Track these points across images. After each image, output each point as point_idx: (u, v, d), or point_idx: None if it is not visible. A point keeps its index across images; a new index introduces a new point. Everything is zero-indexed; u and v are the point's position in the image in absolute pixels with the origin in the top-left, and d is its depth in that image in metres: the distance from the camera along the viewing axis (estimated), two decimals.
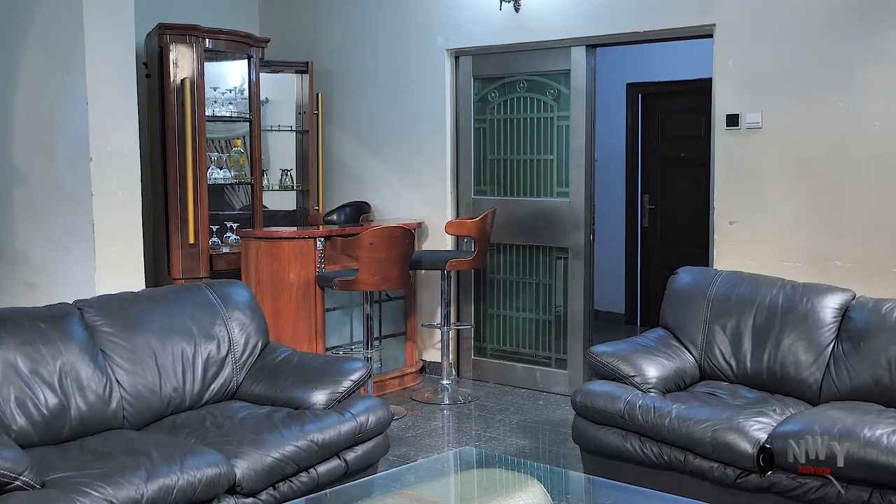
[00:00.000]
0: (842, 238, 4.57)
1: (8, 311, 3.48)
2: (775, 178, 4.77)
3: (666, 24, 5.11)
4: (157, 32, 5.70)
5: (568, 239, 5.68)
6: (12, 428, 3.16)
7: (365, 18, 6.36)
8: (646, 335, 4.30)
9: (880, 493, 3.12)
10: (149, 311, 3.75)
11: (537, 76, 5.76)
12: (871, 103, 4.46)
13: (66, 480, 2.86)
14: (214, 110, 6.02)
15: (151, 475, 2.93)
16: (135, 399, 3.54)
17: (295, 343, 5.19)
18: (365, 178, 6.46)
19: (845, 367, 3.76)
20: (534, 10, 5.56)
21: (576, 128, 5.59)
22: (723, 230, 4.95)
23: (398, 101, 6.25)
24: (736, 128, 4.86)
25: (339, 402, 3.71)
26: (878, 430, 3.19)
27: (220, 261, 5.88)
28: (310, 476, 3.41)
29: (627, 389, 3.85)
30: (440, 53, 6.02)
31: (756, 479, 3.37)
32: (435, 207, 6.11)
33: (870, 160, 4.49)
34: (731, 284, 4.21)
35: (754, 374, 4.00)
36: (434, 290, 6.06)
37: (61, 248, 4.88)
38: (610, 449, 3.81)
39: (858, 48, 4.48)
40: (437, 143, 6.07)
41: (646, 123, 7.66)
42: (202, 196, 5.75)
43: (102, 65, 4.68)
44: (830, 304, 3.92)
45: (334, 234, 5.49)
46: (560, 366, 5.80)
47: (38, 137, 5.01)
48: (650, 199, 7.68)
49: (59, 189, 4.88)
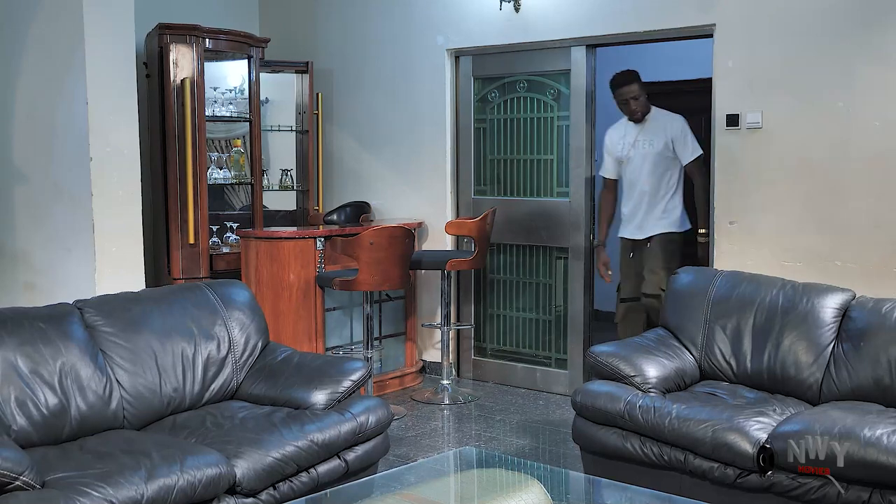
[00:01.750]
0: (842, 238, 4.57)
1: (8, 311, 3.48)
2: (775, 178, 4.76)
3: (666, 24, 5.12)
4: (157, 32, 5.70)
5: (568, 239, 5.68)
6: (12, 428, 3.16)
7: (365, 18, 6.36)
8: (646, 335, 4.30)
9: (880, 493, 3.12)
10: (149, 311, 3.75)
11: (537, 76, 5.75)
12: (871, 103, 4.46)
13: (66, 480, 2.86)
14: (214, 110, 6.02)
15: (151, 475, 2.93)
16: (135, 399, 3.54)
17: (295, 343, 5.19)
18: (365, 178, 6.46)
19: (845, 367, 3.76)
20: (534, 10, 5.56)
21: (576, 128, 5.59)
22: (723, 230, 4.95)
23: (398, 101, 6.25)
24: (736, 128, 4.85)
25: (340, 402, 3.71)
26: (878, 430, 3.19)
27: (220, 261, 5.88)
28: (310, 476, 3.41)
29: (627, 389, 3.85)
30: (440, 53, 6.02)
31: (756, 479, 3.37)
32: (435, 207, 6.11)
33: (870, 160, 4.48)
34: (732, 284, 4.21)
35: (754, 374, 4.00)
36: (434, 290, 6.06)
37: (61, 248, 4.88)
38: (610, 449, 3.81)
39: (858, 48, 4.48)
40: (437, 143, 6.06)
41: None
42: (202, 196, 5.75)
43: (102, 65, 4.68)
44: (830, 304, 3.92)
45: (334, 234, 5.49)
46: (560, 366, 5.80)
47: (38, 137, 5.01)
48: None
49: (59, 189, 4.88)
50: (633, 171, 5.42)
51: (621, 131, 5.52)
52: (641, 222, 5.39)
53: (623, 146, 5.47)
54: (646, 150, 5.37)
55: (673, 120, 5.41)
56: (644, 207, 5.37)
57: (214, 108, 6.03)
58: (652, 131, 5.39)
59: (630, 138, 5.45)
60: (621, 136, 5.50)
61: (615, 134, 5.54)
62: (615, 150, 5.51)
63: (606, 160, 5.59)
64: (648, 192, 5.36)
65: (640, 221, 5.39)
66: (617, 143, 5.51)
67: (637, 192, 5.40)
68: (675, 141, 5.33)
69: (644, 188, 5.36)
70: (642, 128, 5.42)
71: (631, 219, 5.45)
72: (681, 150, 5.32)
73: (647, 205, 5.36)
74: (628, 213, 5.46)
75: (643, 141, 5.39)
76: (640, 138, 5.39)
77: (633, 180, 5.43)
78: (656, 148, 5.34)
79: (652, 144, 5.36)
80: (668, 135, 5.34)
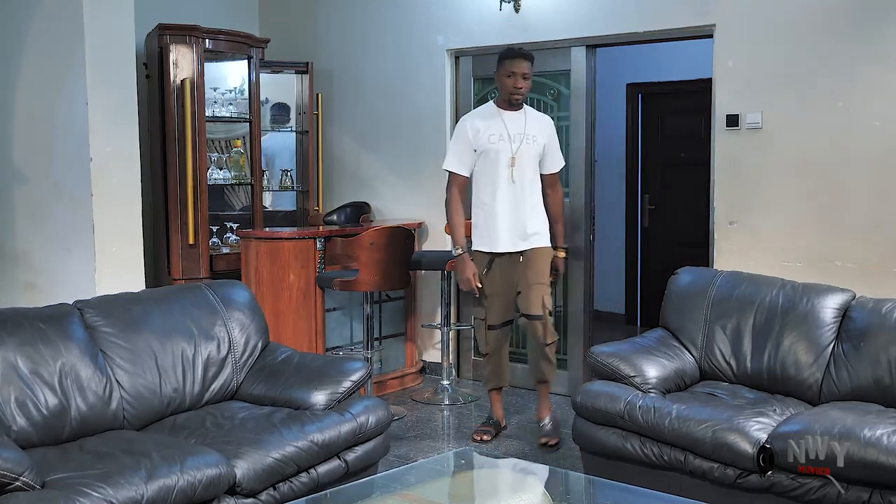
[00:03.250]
0: (842, 238, 4.57)
1: (8, 312, 3.48)
2: (775, 178, 4.77)
3: (666, 25, 5.12)
4: (157, 33, 5.70)
5: (568, 239, 5.68)
6: (12, 428, 3.16)
7: (365, 19, 6.36)
8: (646, 335, 4.30)
9: (880, 493, 3.12)
10: (149, 312, 3.75)
11: (537, 76, 5.74)
12: (871, 103, 4.46)
13: (66, 481, 2.86)
14: (214, 111, 6.02)
15: (151, 476, 2.93)
16: (135, 399, 3.53)
17: (295, 343, 5.19)
18: (365, 178, 6.46)
19: (845, 367, 3.76)
20: (534, 10, 5.56)
21: (576, 128, 5.58)
22: (723, 230, 4.95)
23: (398, 101, 6.25)
24: (736, 128, 4.85)
25: (340, 402, 3.71)
26: (878, 430, 3.19)
27: (220, 261, 5.88)
28: (310, 476, 3.41)
29: (627, 390, 3.85)
30: (440, 53, 6.02)
31: (756, 479, 3.37)
32: (435, 207, 6.10)
33: (870, 160, 4.49)
34: (732, 285, 4.21)
35: (754, 374, 4.00)
36: (434, 290, 6.06)
37: (61, 248, 4.88)
38: (610, 449, 3.81)
39: (858, 48, 4.48)
40: (437, 143, 6.06)
41: (646, 123, 7.66)
42: (202, 196, 5.75)
43: (102, 65, 4.68)
44: (830, 304, 3.92)
45: (334, 234, 5.50)
46: (560, 366, 5.77)
47: (38, 137, 5.01)
48: (650, 199, 7.68)
49: (59, 189, 4.88)
50: (518, 167, 4.66)
51: (492, 119, 4.70)
52: (523, 232, 4.68)
53: (495, 137, 4.65)
54: (529, 147, 4.69)
55: (547, 120, 4.87)
56: (527, 214, 4.69)
57: (214, 108, 6.03)
58: (535, 127, 4.73)
59: (511, 128, 4.66)
60: (498, 124, 4.67)
61: (480, 123, 4.69)
62: (481, 142, 4.67)
63: (461, 152, 4.72)
64: (530, 197, 4.71)
65: (522, 231, 4.68)
66: (484, 133, 4.66)
67: (517, 195, 4.67)
68: (548, 145, 4.78)
69: (525, 191, 4.68)
70: (524, 120, 4.72)
71: (510, 228, 4.67)
72: (552, 156, 4.80)
73: (530, 212, 4.70)
74: (507, 220, 4.67)
75: (528, 136, 4.68)
76: (526, 132, 4.67)
77: (516, 177, 4.65)
78: (538, 148, 4.72)
79: (536, 141, 4.71)
80: (546, 135, 4.77)
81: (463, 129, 4.73)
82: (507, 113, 4.70)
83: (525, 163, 4.68)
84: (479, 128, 4.67)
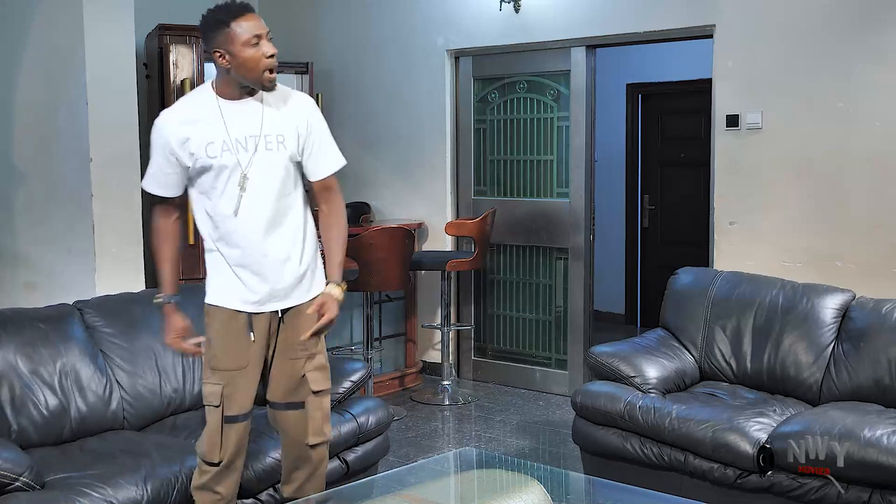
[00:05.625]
0: (842, 238, 4.57)
1: (8, 312, 3.48)
2: (775, 178, 4.76)
3: (666, 25, 5.11)
4: (157, 33, 5.70)
5: (568, 239, 5.68)
6: (12, 428, 3.16)
7: (365, 19, 6.36)
8: (646, 336, 4.30)
9: (880, 493, 3.12)
10: (149, 312, 3.74)
11: (537, 77, 5.75)
12: (871, 103, 4.46)
13: (66, 481, 2.86)
14: None
15: (151, 475, 2.93)
16: (135, 400, 3.54)
17: None
18: (365, 178, 6.46)
19: (845, 367, 3.76)
20: (534, 10, 5.56)
21: (576, 128, 5.59)
22: (723, 230, 4.95)
23: (398, 101, 6.25)
24: (736, 128, 4.85)
25: (340, 402, 3.71)
26: (878, 430, 3.19)
27: None
28: None
29: (627, 390, 3.85)
30: (440, 54, 6.02)
31: (756, 479, 3.37)
32: (435, 208, 6.11)
33: (870, 160, 4.48)
34: (732, 285, 4.21)
35: (754, 374, 4.00)
36: (434, 290, 6.06)
37: (61, 248, 4.88)
38: (610, 449, 3.81)
39: (858, 48, 4.48)
40: (437, 143, 6.06)
41: (646, 123, 7.66)
42: None
43: (102, 65, 4.67)
44: (830, 304, 3.93)
45: None
46: (560, 366, 5.79)
47: (38, 137, 5.01)
48: (650, 199, 7.68)
49: (59, 189, 4.88)
50: (253, 189, 2.89)
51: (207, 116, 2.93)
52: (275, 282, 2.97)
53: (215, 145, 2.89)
54: (272, 156, 2.91)
55: (301, 100, 3.04)
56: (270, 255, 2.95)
57: None
58: (280, 120, 2.94)
59: (237, 129, 2.90)
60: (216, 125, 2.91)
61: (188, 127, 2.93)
62: (200, 150, 2.89)
63: (163, 165, 3.01)
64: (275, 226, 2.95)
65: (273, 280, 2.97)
66: (204, 137, 2.89)
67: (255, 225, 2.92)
68: (307, 139, 2.97)
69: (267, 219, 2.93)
70: (260, 111, 2.93)
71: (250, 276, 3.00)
72: (318, 153, 3.00)
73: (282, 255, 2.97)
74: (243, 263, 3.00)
75: (268, 137, 2.91)
76: (264, 131, 2.91)
77: (249, 206, 2.90)
78: (286, 152, 2.94)
79: (283, 144, 2.93)
80: (301, 125, 2.96)
81: (160, 134, 2.99)
82: (230, 104, 2.94)
83: (267, 180, 2.91)
84: (188, 134, 2.91)
